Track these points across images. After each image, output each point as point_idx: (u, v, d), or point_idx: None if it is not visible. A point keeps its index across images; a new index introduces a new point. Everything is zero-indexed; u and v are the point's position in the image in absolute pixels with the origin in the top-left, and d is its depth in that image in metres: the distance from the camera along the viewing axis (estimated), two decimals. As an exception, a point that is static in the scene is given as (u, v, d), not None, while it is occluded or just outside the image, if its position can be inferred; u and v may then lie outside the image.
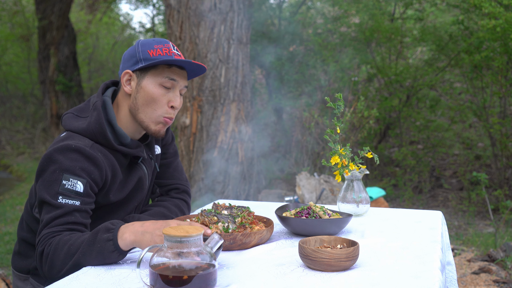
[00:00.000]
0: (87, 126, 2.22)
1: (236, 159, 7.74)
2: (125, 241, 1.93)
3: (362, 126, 6.91)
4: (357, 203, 2.66)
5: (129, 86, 2.28)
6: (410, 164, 8.09)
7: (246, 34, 7.99)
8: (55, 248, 1.97)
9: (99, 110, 2.25)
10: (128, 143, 2.31)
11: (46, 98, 14.50)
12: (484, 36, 6.97)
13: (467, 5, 7.07)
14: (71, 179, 2.08)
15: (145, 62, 2.23)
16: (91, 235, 1.96)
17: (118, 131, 2.29)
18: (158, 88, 2.25)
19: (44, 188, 2.07)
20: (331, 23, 9.46)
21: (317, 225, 2.24)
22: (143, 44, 2.27)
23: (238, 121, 7.79)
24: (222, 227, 2.12)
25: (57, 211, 2.03)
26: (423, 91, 8.82)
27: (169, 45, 2.28)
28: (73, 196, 2.07)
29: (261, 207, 2.87)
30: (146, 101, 2.26)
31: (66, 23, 14.11)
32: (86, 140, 2.19)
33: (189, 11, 7.75)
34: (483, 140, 8.93)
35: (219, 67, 7.73)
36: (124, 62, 2.31)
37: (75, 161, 2.10)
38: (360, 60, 8.81)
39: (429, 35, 8.36)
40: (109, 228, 1.96)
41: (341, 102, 2.59)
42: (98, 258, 1.93)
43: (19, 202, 8.80)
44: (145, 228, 1.94)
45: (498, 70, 7.09)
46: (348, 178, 2.70)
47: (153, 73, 2.25)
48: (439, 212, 2.73)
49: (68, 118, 2.30)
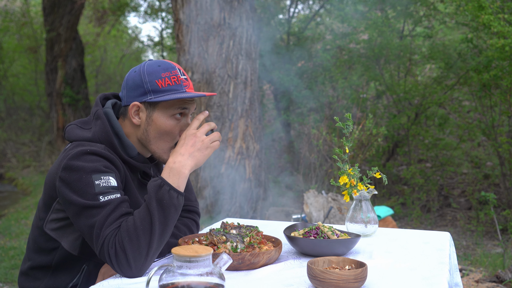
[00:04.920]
0: (92, 135, 2.21)
1: (244, 175, 7.72)
2: (183, 179, 2.09)
3: (370, 144, 6.88)
4: (366, 223, 2.66)
5: (138, 117, 2.25)
6: (418, 183, 8.04)
7: (255, 50, 8.00)
8: (129, 237, 1.95)
9: (102, 119, 2.22)
10: (135, 156, 2.29)
11: (52, 110, 14.54)
12: (493, 55, 6.96)
13: (476, 23, 7.07)
14: (102, 176, 2.06)
15: (155, 94, 2.19)
16: (150, 201, 2.00)
17: (125, 142, 2.27)
18: (170, 120, 2.23)
19: (79, 196, 2.03)
20: (340, 39, 9.47)
21: (325, 245, 2.23)
22: (150, 73, 2.22)
23: (246, 137, 7.78)
24: (231, 246, 2.11)
25: (106, 209, 2.01)
26: (432, 109, 8.80)
27: (176, 71, 2.24)
28: (112, 191, 2.06)
29: (269, 226, 2.86)
30: (159, 134, 2.24)
31: (74, 36, 14.18)
32: (97, 144, 2.18)
33: (198, 26, 7.77)
34: (491, 159, 8.88)
35: (227, 82, 7.73)
36: (129, 90, 2.26)
37: (96, 161, 2.09)
38: (369, 77, 8.81)
39: (438, 53, 8.36)
40: (159, 185, 2.02)
41: (350, 122, 2.58)
42: (171, 212, 2.02)
43: (24, 216, 8.78)
44: (184, 156, 2.11)
45: (506, 89, 7.07)
46: (356, 198, 2.70)
47: (164, 105, 2.22)
48: (447, 233, 2.72)
49: (72, 129, 2.28)
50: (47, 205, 2.25)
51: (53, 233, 2.23)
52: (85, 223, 2.02)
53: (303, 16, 11.69)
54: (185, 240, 2.25)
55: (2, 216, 9.31)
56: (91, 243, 2.03)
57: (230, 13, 7.76)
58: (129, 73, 2.30)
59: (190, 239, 2.26)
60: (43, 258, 2.28)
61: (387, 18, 8.80)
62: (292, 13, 11.37)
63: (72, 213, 2.06)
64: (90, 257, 2.27)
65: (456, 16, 8.44)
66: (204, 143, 2.15)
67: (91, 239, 2.02)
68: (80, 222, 2.04)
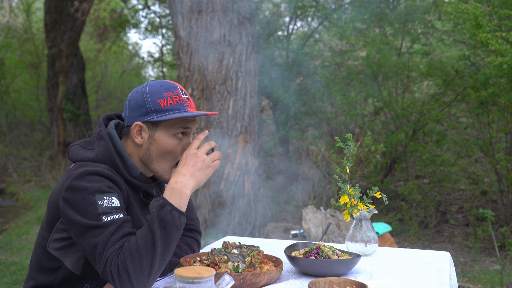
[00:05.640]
0: (96, 155, 2.23)
1: (243, 191, 7.75)
2: (184, 199, 2.11)
3: (368, 161, 6.92)
4: (366, 242, 2.68)
5: (140, 137, 2.28)
6: (416, 199, 8.07)
7: (254, 67, 8.06)
8: (131, 256, 1.97)
9: (106, 139, 2.24)
10: (138, 176, 2.31)
11: (53, 126, 14.58)
12: (490, 73, 7.01)
13: (474, 41, 7.13)
14: (105, 197, 2.08)
15: (157, 114, 2.22)
16: (153, 221, 2.02)
17: (128, 162, 2.28)
18: (172, 139, 2.26)
19: (82, 216, 2.05)
20: (338, 56, 9.53)
21: (326, 265, 2.26)
22: (152, 93, 2.24)
23: (245, 153, 7.82)
24: (232, 266, 2.13)
25: (109, 229, 2.02)
26: (429, 125, 8.84)
27: (178, 91, 2.27)
28: (114, 211, 2.07)
29: (269, 245, 2.89)
30: (161, 153, 2.26)
31: (75, 52, 14.25)
32: (100, 165, 2.20)
33: (198, 43, 7.83)
34: (489, 175, 8.91)
35: (227, 99, 7.78)
36: (132, 110, 2.28)
37: (99, 181, 2.10)
38: (367, 94, 8.86)
39: (436, 70, 8.42)
40: (161, 205, 2.05)
41: (351, 142, 2.62)
42: (173, 232, 2.04)
43: (25, 231, 8.78)
44: (186, 177, 2.14)
45: (504, 107, 7.11)
46: (356, 217, 2.72)
47: (166, 124, 2.25)
48: (446, 253, 2.74)
49: (75, 150, 2.30)
50: (50, 224, 2.26)
51: (56, 252, 2.25)
52: (88, 243, 2.03)
53: (302, 33, 11.76)
54: (186, 260, 2.27)
55: (3, 231, 9.28)
56: (93, 262, 2.04)
57: (230, 30, 7.83)
58: (131, 94, 2.32)
59: (191, 258, 2.28)
60: (46, 278, 2.29)
61: (385, 36, 8.87)
62: (291, 30, 11.44)
63: (75, 233, 2.08)
64: (92, 277, 2.27)
65: (454, 34, 8.52)
66: (205, 163, 2.18)
67: (94, 259, 2.03)
68: (83, 242, 2.05)
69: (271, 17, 11.53)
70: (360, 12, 8.91)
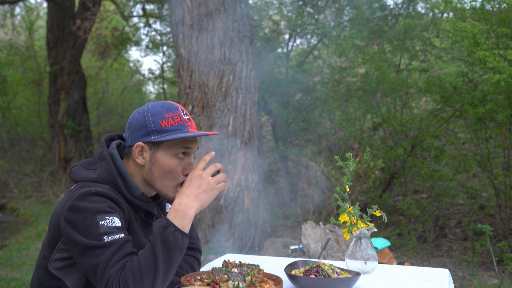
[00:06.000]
0: (97, 176, 2.24)
1: (242, 207, 7.80)
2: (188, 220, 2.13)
3: (367, 176, 6.99)
4: (365, 260, 2.69)
5: (142, 157, 2.30)
6: (415, 214, 8.13)
7: (254, 84, 8.13)
8: (133, 276, 1.98)
9: (107, 160, 2.26)
10: (139, 196, 2.33)
11: (54, 142, 14.67)
12: (488, 90, 7.06)
13: (472, 59, 7.19)
14: (106, 217, 2.09)
15: (158, 134, 2.24)
16: (155, 242, 2.04)
17: (129, 182, 2.30)
18: (174, 159, 2.28)
19: (83, 236, 2.06)
20: (337, 73, 9.62)
21: (326, 284, 2.28)
22: (153, 114, 2.26)
23: (244, 169, 7.88)
24: (233, 285, 2.14)
25: (110, 249, 2.04)
26: (428, 140, 8.91)
27: (179, 111, 2.29)
28: (116, 231, 2.08)
29: (269, 263, 2.90)
30: (163, 173, 2.27)
31: (77, 69, 14.38)
32: (102, 185, 2.21)
33: (198, 61, 7.91)
34: (487, 190, 8.97)
35: (227, 116, 7.85)
36: (133, 131, 2.30)
37: (101, 202, 2.11)
38: (366, 110, 8.93)
39: (434, 86, 8.49)
40: (164, 226, 2.08)
41: (351, 161, 2.67)
42: (176, 253, 2.07)
43: (26, 247, 8.81)
44: (190, 198, 2.17)
45: (502, 123, 7.16)
46: (356, 235, 2.73)
47: (168, 144, 2.27)
48: (446, 270, 2.76)
49: (77, 170, 2.31)
50: (51, 244, 2.27)
51: (57, 272, 2.25)
52: (89, 262, 2.04)
53: (301, 50, 11.86)
54: (187, 279, 2.27)
55: (4, 246, 9.28)
56: (95, 282, 2.06)
57: (230, 48, 7.92)
58: (133, 115, 2.34)
59: (192, 277, 2.29)
60: None
61: (384, 53, 8.95)
62: (291, 47, 11.55)
63: (76, 253, 2.09)
64: (93, 296, 2.28)
65: (452, 52, 8.60)
66: (210, 185, 2.20)
67: (95, 279, 2.04)
68: (84, 261, 2.06)
69: (270, 35, 11.64)
70: (359, 29, 9.01)
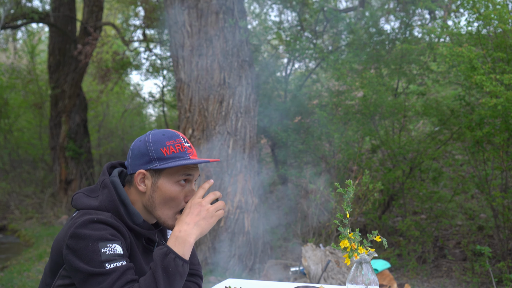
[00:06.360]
0: (99, 204, 2.27)
1: (243, 229, 7.86)
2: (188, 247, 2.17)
3: (367, 199, 7.06)
4: (366, 285, 2.68)
5: (143, 184, 2.32)
6: (414, 235, 8.19)
7: (253, 108, 8.21)
8: None
9: (109, 188, 2.29)
10: (141, 223, 2.35)
11: (56, 164, 14.77)
12: (485, 113, 7.13)
13: (469, 83, 7.27)
14: (108, 244, 2.11)
15: (160, 162, 2.28)
16: (156, 269, 2.08)
17: (131, 210, 2.32)
18: (175, 186, 2.31)
19: (85, 263, 2.08)
20: (335, 96, 9.73)
21: None
22: (155, 142, 2.31)
23: (244, 192, 7.94)
24: None
25: (112, 276, 2.06)
26: (426, 162, 9.00)
27: (180, 139, 2.33)
28: (117, 259, 2.11)
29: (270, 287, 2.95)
30: (164, 200, 2.30)
31: (78, 92, 14.53)
32: (104, 213, 2.24)
33: (198, 85, 8.00)
34: (485, 211, 9.03)
35: (227, 139, 7.92)
36: (135, 158, 2.34)
37: (103, 229, 2.14)
38: (364, 133, 9.02)
39: (432, 109, 8.58)
40: (165, 253, 2.13)
41: (351, 188, 2.74)
42: (177, 280, 2.10)
43: (26, 269, 8.83)
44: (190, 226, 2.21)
45: (499, 146, 7.23)
46: (357, 260, 2.73)
47: (169, 172, 2.30)
48: None
49: (79, 198, 2.33)
50: (53, 271, 2.27)
51: None
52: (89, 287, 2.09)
53: (300, 73, 11.98)
54: None
55: (5, 268, 9.29)
56: None
57: (230, 73, 8.02)
58: (134, 143, 2.38)
59: None
60: None
61: (382, 77, 9.07)
62: (290, 70, 11.67)
63: (78, 280, 2.11)
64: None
65: (449, 77, 8.70)
66: (209, 212, 2.24)
67: None
68: (85, 286, 2.10)
69: (269, 59, 11.77)
70: (356, 54, 9.14)
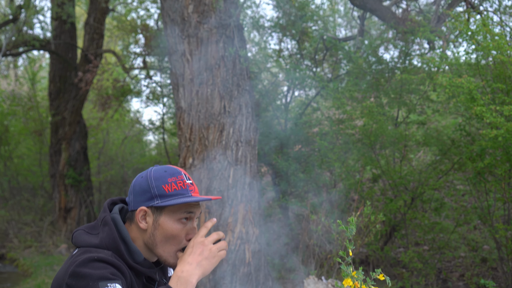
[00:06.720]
0: (100, 241, 2.24)
1: (244, 260, 7.77)
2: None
3: (369, 230, 6.99)
4: None
5: (145, 221, 2.30)
6: (417, 267, 8.09)
7: (254, 137, 8.19)
8: None
9: (110, 225, 2.26)
10: (141, 261, 2.32)
11: (55, 191, 14.70)
12: (486, 144, 7.10)
13: (469, 114, 7.25)
14: (109, 284, 2.07)
15: (162, 199, 2.26)
16: None
17: (132, 248, 2.29)
18: (177, 224, 2.28)
19: None
20: (336, 125, 9.71)
21: None
22: (157, 179, 2.28)
23: (245, 222, 7.87)
24: None
25: None
26: (428, 192, 8.93)
27: (182, 176, 2.31)
28: None
29: None
30: (165, 238, 2.28)
31: (78, 119, 14.52)
32: (104, 251, 2.21)
33: (199, 114, 7.98)
34: (488, 243, 8.95)
35: (227, 168, 7.88)
36: (137, 195, 2.32)
37: (103, 268, 2.11)
38: (365, 162, 8.98)
39: (432, 139, 8.55)
40: None
41: (353, 225, 2.69)
42: None
43: (24, 300, 8.77)
44: (192, 266, 2.18)
45: (501, 177, 7.19)
46: None
47: (171, 209, 2.28)
48: None
49: (80, 235, 2.31)
50: None
51: None
52: None
53: (300, 101, 11.97)
54: None
55: (2, 299, 9.28)
56: None
57: (230, 102, 8.00)
58: (136, 179, 2.35)
59: None
60: None
61: (382, 106, 9.05)
62: (290, 98, 11.66)
63: None
64: None
65: (450, 107, 8.68)
66: (212, 252, 2.22)
67: None
68: None
69: (269, 87, 11.77)
70: (355, 83, 9.13)
